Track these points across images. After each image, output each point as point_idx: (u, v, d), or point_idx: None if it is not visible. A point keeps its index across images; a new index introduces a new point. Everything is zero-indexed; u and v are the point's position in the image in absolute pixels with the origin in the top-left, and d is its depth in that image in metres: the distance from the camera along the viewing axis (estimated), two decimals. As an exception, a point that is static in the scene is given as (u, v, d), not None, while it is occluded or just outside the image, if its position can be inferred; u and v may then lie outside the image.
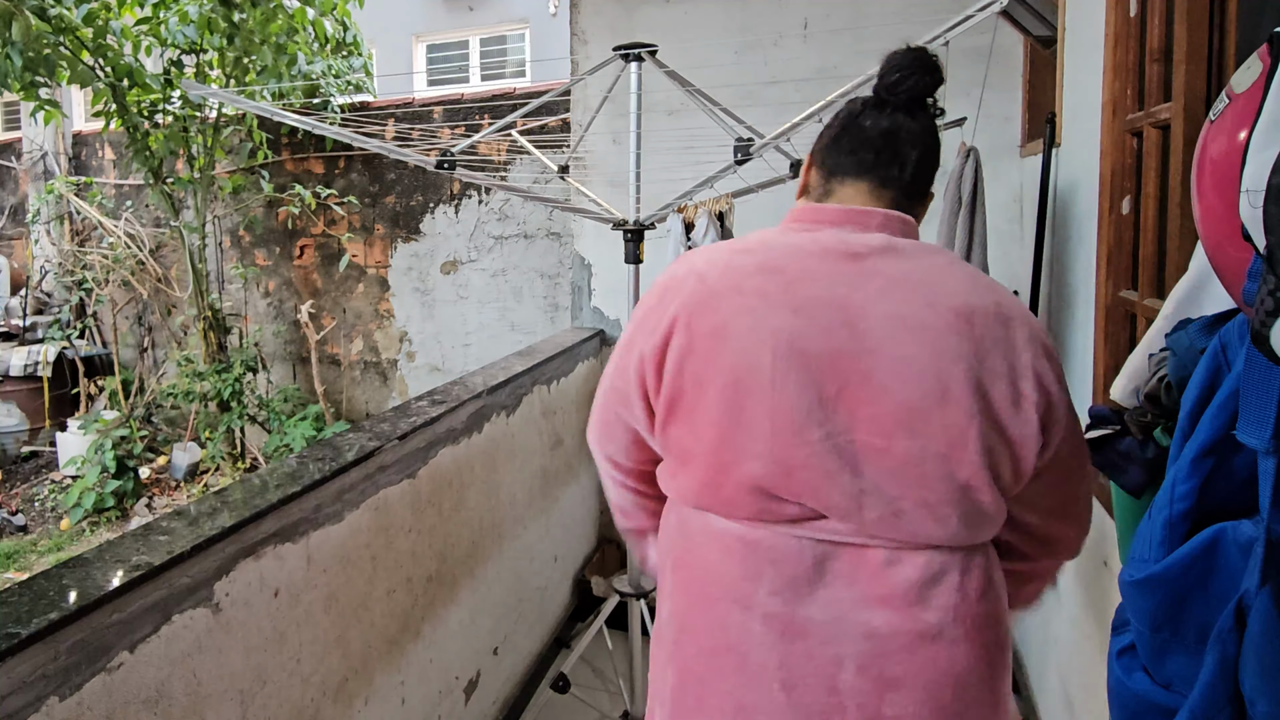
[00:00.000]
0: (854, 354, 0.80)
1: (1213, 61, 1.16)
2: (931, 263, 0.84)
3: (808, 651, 0.82)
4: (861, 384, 0.79)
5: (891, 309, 0.80)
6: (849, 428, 0.80)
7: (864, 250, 0.84)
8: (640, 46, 1.77)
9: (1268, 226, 0.54)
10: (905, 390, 0.78)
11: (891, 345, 0.79)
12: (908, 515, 0.79)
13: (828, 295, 0.82)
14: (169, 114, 4.22)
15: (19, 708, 0.81)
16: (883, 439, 0.79)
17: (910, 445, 0.78)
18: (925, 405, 0.78)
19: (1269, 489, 0.61)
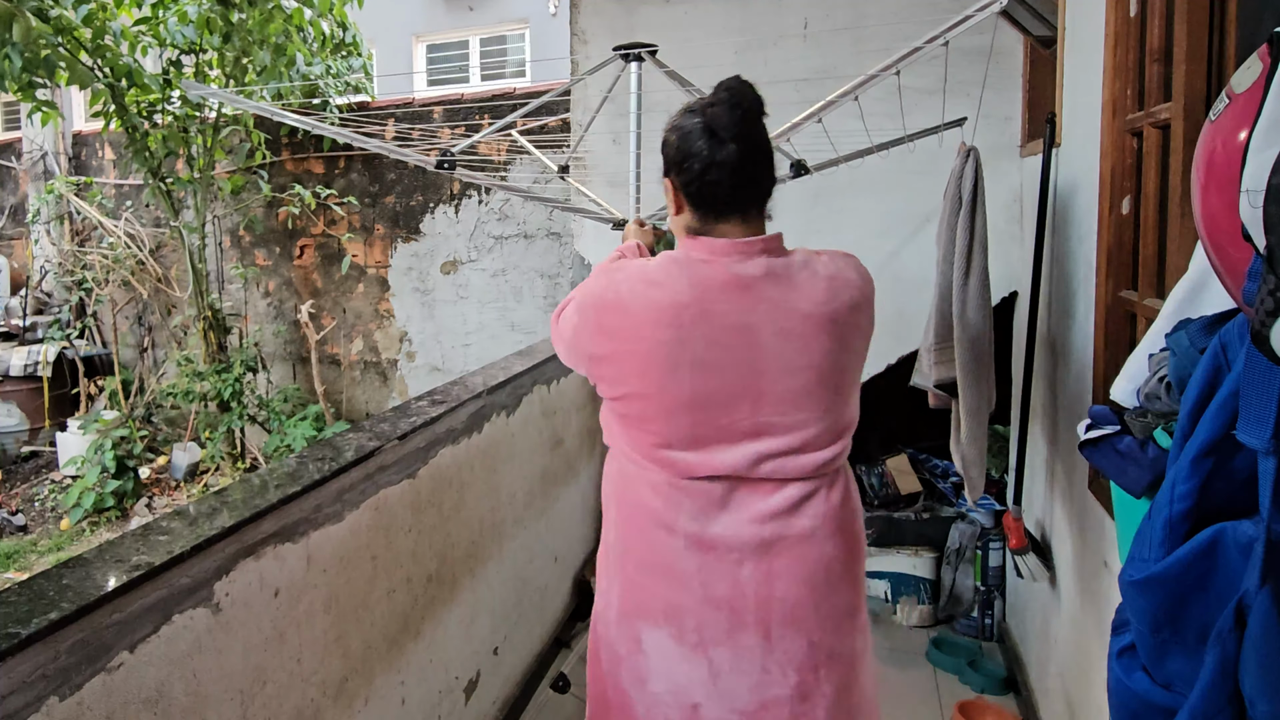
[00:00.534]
0: (751, 362, 1.06)
1: (1213, 61, 1.16)
2: (801, 280, 1.08)
3: (716, 559, 1.10)
4: (758, 382, 1.07)
5: (776, 326, 1.06)
6: (751, 415, 1.07)
7: (751, 281, 1.07)
8: (640, 46, 1.77)
9: (1268, 226, 0.54)
10: (790, 384, 1.07)
11: (778, 353, 1.06)
12: (789, 467, 1.09)
13: (730, 321, 1.06)
14: (168, 114, 4.22)
15: (19, 708, 0.81)
16: (778, 417, 1.08)
17: (798, 419, 1.08)
18: (805, 392, 1.07)
19: (1269, 489, 0.61)
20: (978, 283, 1.84)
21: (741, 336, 1.06)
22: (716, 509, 1.10)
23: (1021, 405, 2.01)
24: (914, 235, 2.52)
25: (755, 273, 1.07)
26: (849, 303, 1.09)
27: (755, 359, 1.06)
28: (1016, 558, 1.93)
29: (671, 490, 1.11)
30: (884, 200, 2.54)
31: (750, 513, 1.09)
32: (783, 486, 1.09)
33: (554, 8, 6.06)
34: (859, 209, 2.58)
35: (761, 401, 1.07)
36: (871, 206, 2.56)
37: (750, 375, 1.06)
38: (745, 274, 1.07)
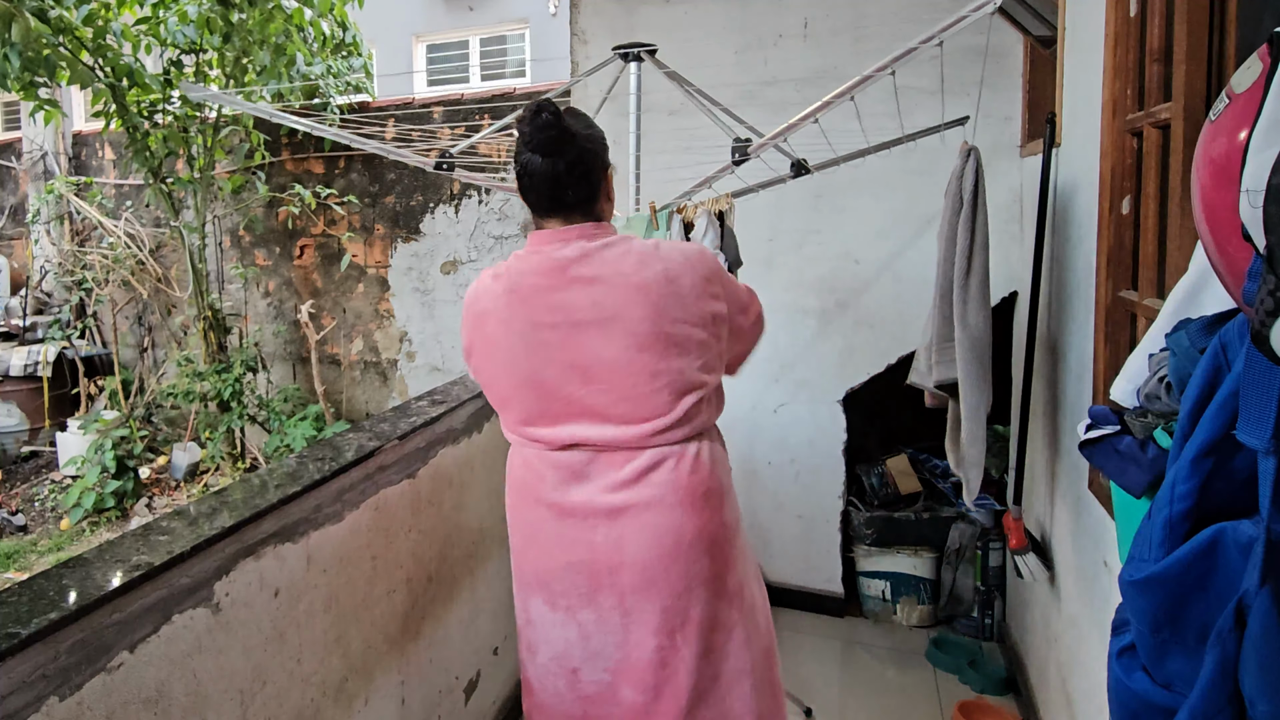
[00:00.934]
0: (575, 337, 1.16)
1: (1213, 61, 1.15)
2: (610, 255, 1.18)
3: (574, 525, 1.20)
4: (583, 356, 1.16)
5: (590, 299, 1.16)
6: (584, 385, 1.17)
7: (566, 262, 1.18)
8: (640, 46, 1.77)
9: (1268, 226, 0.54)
10: (612, 354, 1.15)
11: (596, 327, 1.15)
12: (628, 435, 1.17)
13: (549, 300, 1.17)
14: (168, 114, 4.22)
15: (19, 708, 0.81)
16: (608, 388, 1.16)
17: (626, 386, 1.15)
18: (629, 357, 1.15)
19: (1269, 489, 0.61)
20: (978, 282, 1.84)
21: (562, 314, 1.17)
22: (576, 479, 1.20)
23: (1021, 405, 2.01)
24: (914, 235, 2.52)
25: (570, 255, 1.18)
26: (662, 273, 1.17)
27: (578, 334, 1.16)
28: (1016, 558, 1.93)
29: (539, 463, 1.22)
30: (884, 200, 2.54)
31: (604, 482, 1.19)
32: (634, 455, 1.18)
33: (554, 8, 6.06)
34: (859, 209, 2.58)
35: (591, 374, 1.17)
36: (872, 206, 2.56)
37: (575, 349, 1.16)
38: (561, 256, 1.18)
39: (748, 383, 2.73)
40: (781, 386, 2.73)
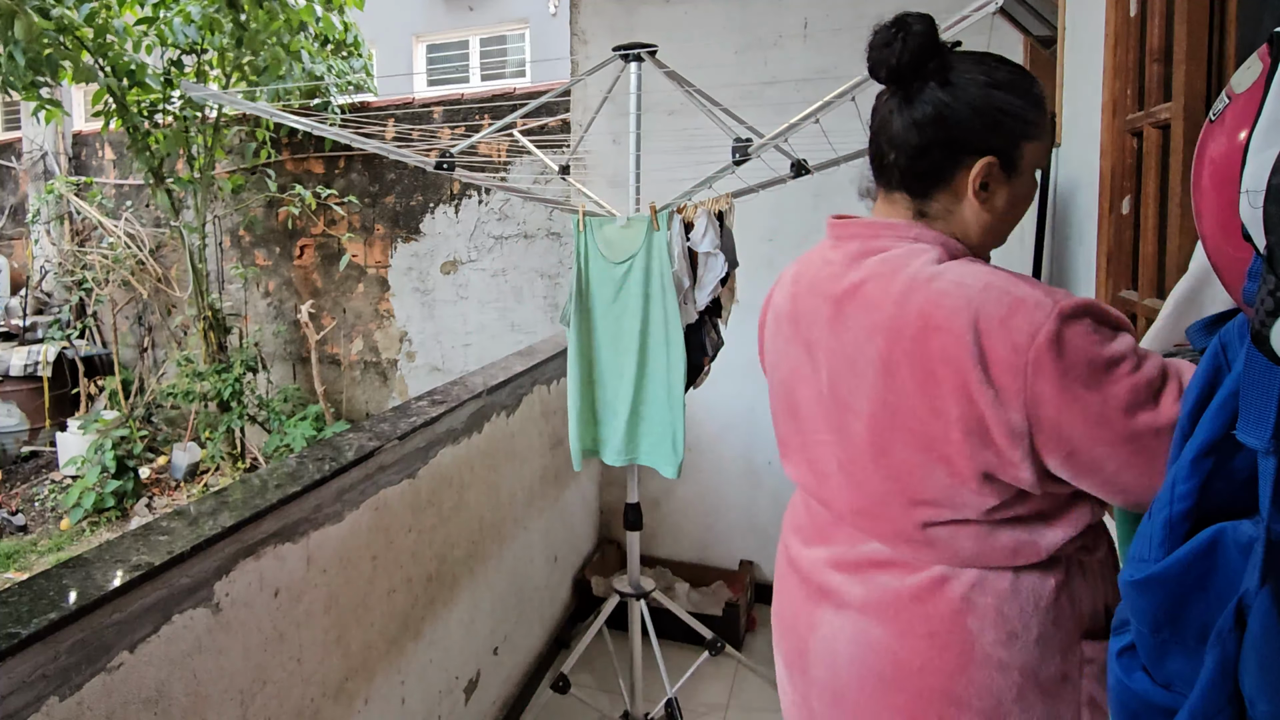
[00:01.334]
0: (811, 372, 0.91)
1: (1213, 61, 1.15)
2: (885, 277, 0.83)
3: (798, 588, 0.97)
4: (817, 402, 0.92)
5: (845, 334, 0.86)
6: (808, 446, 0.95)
7: (831, 270, 0.90)
8: (640, 46, 1.77)
9: (1268, 226, 0.54)
10: (844, 413, 0.87)
11: (839, 368, 0.87)
12: (862, 522, 0.89)
13: (810, 314, 0.91)
14: (169, 114, 4.22)
15: (19, 708, 0.81)
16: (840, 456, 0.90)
17: (854, 467, 0.87)
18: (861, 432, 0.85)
19: (1269, 489, 0.61)
20: (978, 283, 1.84)
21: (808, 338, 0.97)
22: (813, 535, 0.96)
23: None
24: (914, 235, 2.52)
25: (837, 260, 0.91)
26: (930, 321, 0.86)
27: (816, 369, 0.92)
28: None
29: (802, 503, 1.01)
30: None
31: (830, 553, 0.92)
32: (866, 541, 0.89)
33: (554, 8, 6.06)
34: (859, 209, 2.57)
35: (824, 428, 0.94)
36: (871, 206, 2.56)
37: (813, 390, 0.93)
38: (831, 262, 0.92)
39: (747, 383, 2.73)
40: (781, 386, 2.73)
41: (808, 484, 0.96)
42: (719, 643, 2.14)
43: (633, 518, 2.04)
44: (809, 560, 0.95)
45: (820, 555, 0.94)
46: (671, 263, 1.79)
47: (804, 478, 0.97)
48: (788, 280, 0.99)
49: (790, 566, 0.99)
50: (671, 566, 2.88)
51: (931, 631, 0.82)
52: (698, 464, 2.84)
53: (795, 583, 0.97)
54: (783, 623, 1.01)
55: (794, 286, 0.96)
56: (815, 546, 0.95)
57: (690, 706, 2.25)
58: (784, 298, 0.97)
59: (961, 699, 0.81)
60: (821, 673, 0.91)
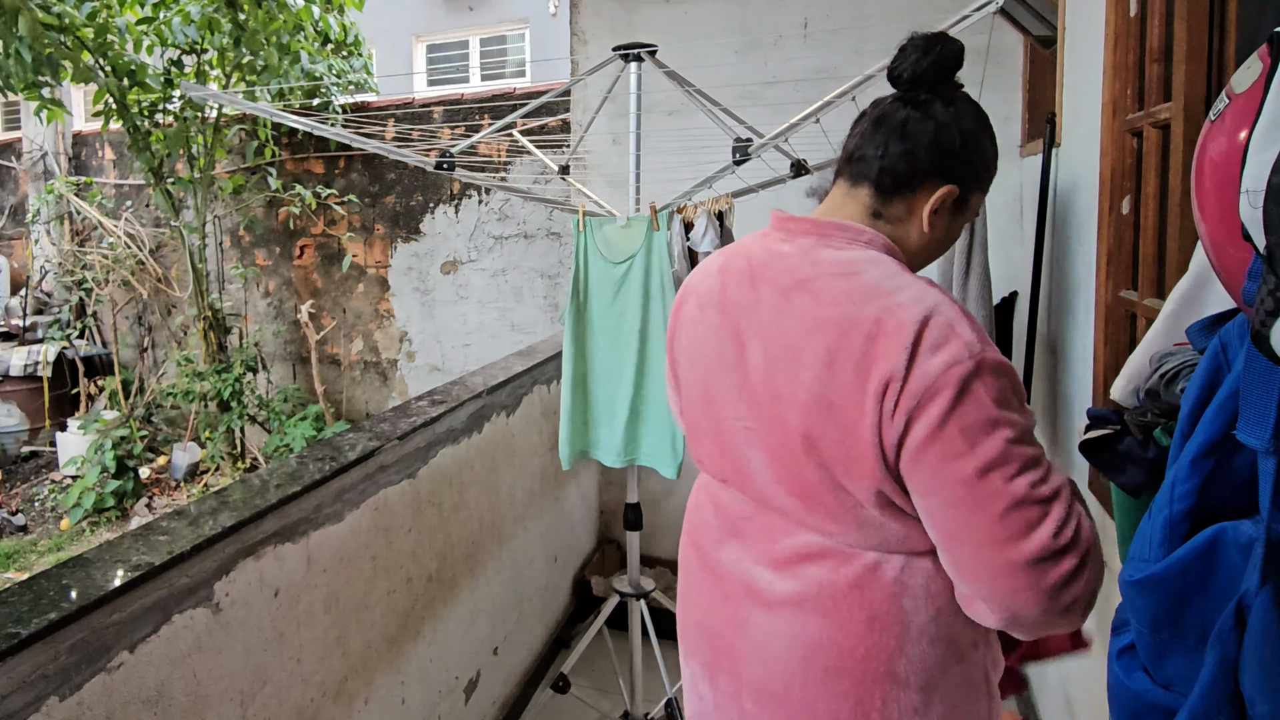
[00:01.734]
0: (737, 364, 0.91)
1: (1213, 61, 1.15)
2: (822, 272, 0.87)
3: (714, 587, 0.96)
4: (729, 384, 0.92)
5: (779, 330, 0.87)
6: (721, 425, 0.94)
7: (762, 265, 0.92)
8: (640, 46, 1.77)
9: (1268, 226, 0.54)
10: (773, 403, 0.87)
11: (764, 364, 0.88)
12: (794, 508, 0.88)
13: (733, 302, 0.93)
14: (169, 114, 4.22)
15: (19, 708, 0.81)
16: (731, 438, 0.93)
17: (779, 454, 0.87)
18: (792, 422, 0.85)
19: (1269, 489, 0.61)
20: (978, 282, 1.84)
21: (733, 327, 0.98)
22: (728, 532, 0.96)
23: (1021, 405, 2.01)
24: (914, 235, 2.52)
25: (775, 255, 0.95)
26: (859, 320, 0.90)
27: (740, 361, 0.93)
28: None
29: (708, 496, 1.01)
30: (884, 200, 2.54)
31: (754, 551, 0.93)
32: (793, 531, 0.89)
33: (554, 8, 6.06)
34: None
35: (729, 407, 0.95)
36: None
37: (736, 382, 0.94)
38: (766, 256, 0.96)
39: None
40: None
41: (722, 473, 0.96)
42: (719, 643, 2.14)
43: (633, 518, 2.04)
44: (728, 561, 0.95)
45: (737, 554, 0.94)
46: (672, 262, 1.79)
47: (718, 467, 0.96)
48: (714, 269, 0.99)
49: (704, 570, 0.98)
50: (671, 566, 2.88)
51: (871, 616, 0.85)
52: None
53: (711, 585, 0.97)
54: (699, 628, 0.99)
55: (722, 276, 0.96)
56: (729, 544, 0.95)
57: (690, 706, 2.25)
58: (710, 286, 0.97)
59: (901, 677, 0.85)
60: (756, 671, 0.91)
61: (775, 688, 0.89)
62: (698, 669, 1.00)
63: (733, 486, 0.95)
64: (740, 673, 0.93)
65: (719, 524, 0.97)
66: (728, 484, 0.96)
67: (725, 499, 0.97)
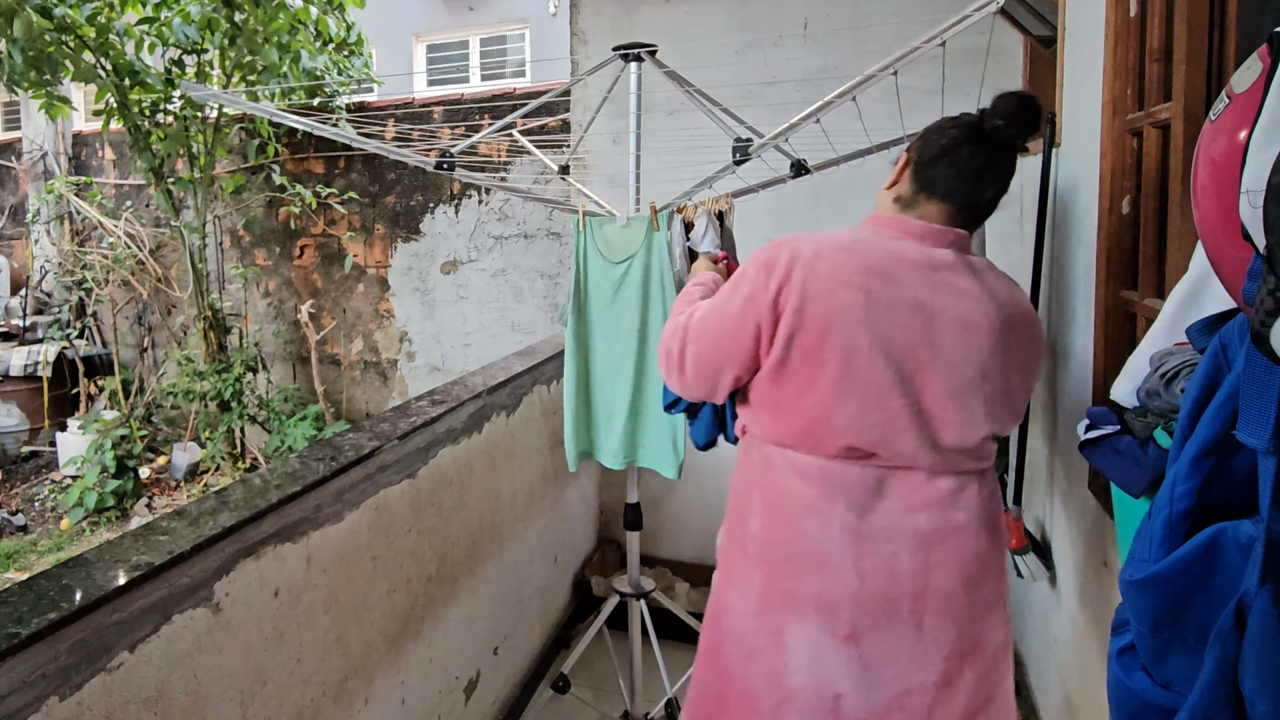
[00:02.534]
0: (927, 345, 1.07)
1: (1213, 61, 1.15)
2: (987, 277, 1.14)
3: (874, 549, 1.10)
4: (930, 368, 1.08)
5: (956, 314, 1.08)
6: (917, 399, 1.08)
7: (940, 264, 1.11)
8: (640, 46, 1.77)
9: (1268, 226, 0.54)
10: (959, 375, 1.08)
11: (952, 342, 1.08)
12: (947, 455, 1.10)
13: (913, 298, 1.08)
14: (169, 113, 4.22)
15: (19, 708, 0.81)
16: (939, 408, 1.08)
17: (958, 414, 1.09)
18: (970, 386, 1.08)
19: (1269, 489, 0.61)
20: (978, 283, 1.84)
21: (921, 316, 1.07)
22: (871, 497, 1.10)
23: (1021, 405, 2.01)
24: (914, 235, 2.52)
25: (944, 259, 1.11)
26: (1025, 315, 1.15)
27: (931, 343, 1.07)
28: (1016, 558, 1.92)
29: (824, 477, 1.11)
30: (884, 200, 2.54)
31: (907, 502, 1.10)
32: (935, 478, 1.10)
33: (554, 8, 6.06)
34: (860, 209, 2.55)
35: (928, 388, 1.08)
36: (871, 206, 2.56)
37: (923, 359, 1.07)
38: (935, 257, 1.11)
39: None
40: (781, 386, 2.73)
41: (868, 439, 1.08)
42: (719, 643, 2.14)
43: (633, 518, 2.04)
44: (884, 520, 1.10)
45: (894, 508, 1.10)
46: (672, 263, 1.79)
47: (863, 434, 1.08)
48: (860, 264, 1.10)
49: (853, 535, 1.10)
50: (671, 566, 2.88)
51: (993, 523, 1.15)
52: (698, 464, 2.84)
53: (856, 545, 1.10)
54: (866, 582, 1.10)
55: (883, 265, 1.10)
56: (880, 504, 1.10)
57: (690, 706, 2.25)
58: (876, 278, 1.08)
59: (1004, 567, 1.17)
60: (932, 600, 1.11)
61: (952, 609, 1.11)
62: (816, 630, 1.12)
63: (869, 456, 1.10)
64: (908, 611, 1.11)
65: (854, 496, 1.11)
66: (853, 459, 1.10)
67: (850, 474, 1.11)
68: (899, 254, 1.10)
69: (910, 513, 1.10)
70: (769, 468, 1.17)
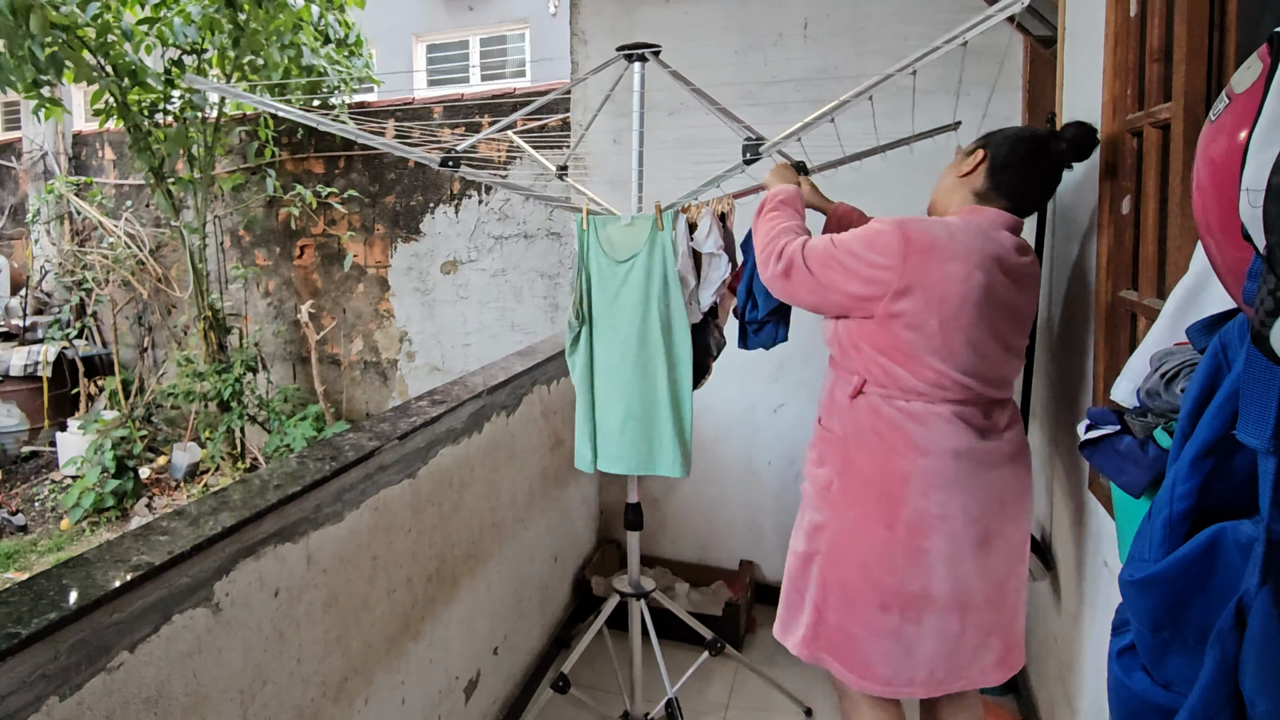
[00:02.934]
0: (1015, 307, 1.39)
1: (1213, 61, 1.15)
2: (1029, 253, 1.43)
3: (989, 463, 1.41)
4: (1013, 322, 1.40)
5: (1027, 282, 1.41)
6: (997, 349, 1.38)
7: (1022, 248, 1.41)
8: (644, 47, 1.77)
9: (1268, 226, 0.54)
10: (1019, 328, 1.42)
11: (1027, 303, 1.42)
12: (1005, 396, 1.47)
13: (1012, 273, 1.37)
14: (169, 113, 4.22)
15: (19, 708, 0.81)
16: (1003, 355, 1.41)
17: (1011, 359, 1.43)
18: (1021, 335, 1.44)
19: (1269, 489, 0.61)
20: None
21: (1013, 287, 1.37)
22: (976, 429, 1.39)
23: (1021, 405, 2.01)
24: (914, 235, 2.52)
25: (1020, 244, 1.40)
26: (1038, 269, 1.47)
27: (1017, 306, 1.39)
28: (1016, 558, 1.93)
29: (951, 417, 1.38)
30: (884, 200, 2.53)
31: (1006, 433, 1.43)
32: (1004, 408, 1.45)
33: (554, 8, 6.07)
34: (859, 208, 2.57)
35: (1014, 339, 1.41)
36: (872, 207, 2.56)
37: (1012, 316, 1.38)
38: (1017, 244, 1.40)
39: (747, 383, 2.73)
40: (781, 386, 2.73)
41: (984, 373, 1.37)
42: (719, 643, 2.14)
43: (633, 518, 2.04)
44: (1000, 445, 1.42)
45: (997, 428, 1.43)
46: (676, 262, 1.79)
47: (981, 368, 1.37)
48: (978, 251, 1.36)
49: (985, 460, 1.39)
50: (672, 566, 2.88)
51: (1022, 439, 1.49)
52: (698, 464, 2.84)
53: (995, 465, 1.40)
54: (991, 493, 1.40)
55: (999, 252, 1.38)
56: (990, 433, 1.41)
57: (690, 706, 2.25)
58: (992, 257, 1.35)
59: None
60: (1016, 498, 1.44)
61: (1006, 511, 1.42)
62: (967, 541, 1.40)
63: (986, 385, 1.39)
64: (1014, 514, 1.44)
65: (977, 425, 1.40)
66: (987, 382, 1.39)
67: (970, 411, 1.39)
68: (1002, 240, 1.38)
69: (1007, 430, 1.43)
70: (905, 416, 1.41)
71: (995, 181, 1.43)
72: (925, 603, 1.39)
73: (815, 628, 1.50)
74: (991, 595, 1.41)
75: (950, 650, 1.40)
